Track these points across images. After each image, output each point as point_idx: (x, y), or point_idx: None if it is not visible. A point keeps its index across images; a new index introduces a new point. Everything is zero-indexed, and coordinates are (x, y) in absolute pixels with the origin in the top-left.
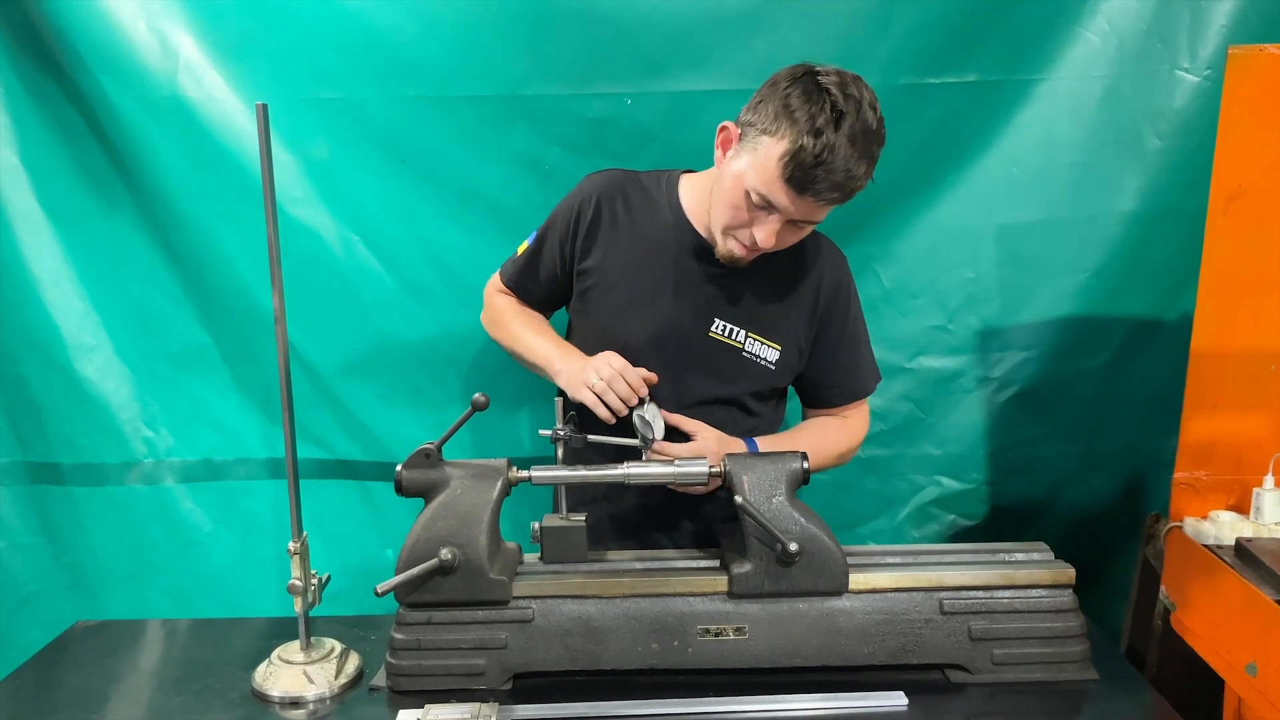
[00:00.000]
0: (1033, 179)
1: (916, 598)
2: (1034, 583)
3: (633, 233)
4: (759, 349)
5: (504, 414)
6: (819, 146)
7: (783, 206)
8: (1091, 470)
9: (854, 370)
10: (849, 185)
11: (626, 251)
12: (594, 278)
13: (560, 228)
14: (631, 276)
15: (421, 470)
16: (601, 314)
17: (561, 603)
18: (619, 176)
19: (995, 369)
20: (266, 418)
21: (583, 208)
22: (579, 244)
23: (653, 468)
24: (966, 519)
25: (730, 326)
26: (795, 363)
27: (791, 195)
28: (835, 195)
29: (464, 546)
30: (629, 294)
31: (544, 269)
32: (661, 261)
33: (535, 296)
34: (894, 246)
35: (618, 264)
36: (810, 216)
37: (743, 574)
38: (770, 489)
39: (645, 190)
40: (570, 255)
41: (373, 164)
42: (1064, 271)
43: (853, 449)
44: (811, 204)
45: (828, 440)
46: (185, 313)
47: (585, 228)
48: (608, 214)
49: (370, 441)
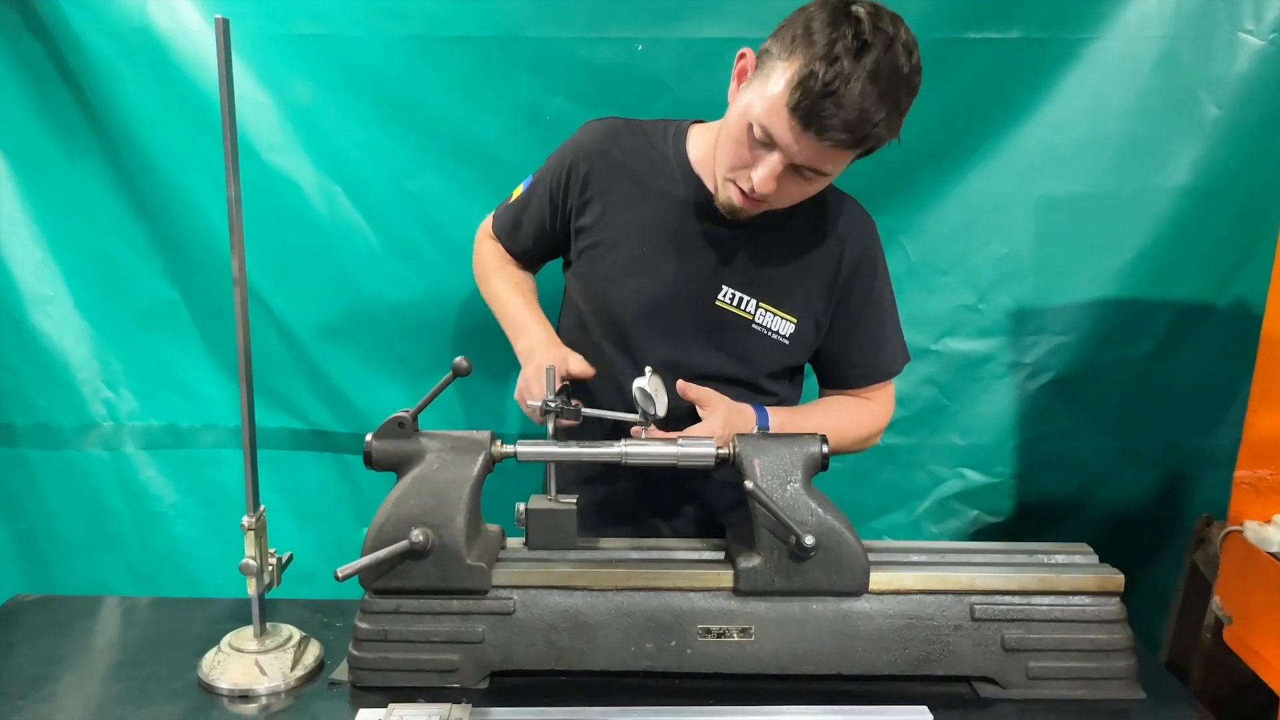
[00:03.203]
0: (1076, 148)
1: (944, 601)
2: (1077, 589)
3: (634, 188)
4: (771, 321)
5: (491, 383)
6: (831, 74)
7: (784, 143)
8: (1128, 467)
9: (877, 349)
10: (862, 129)
11: (626, 209)
12: (591, 237)
13: (551, 180)
14: (631, 237)
15: (394, 441)
16: (597, 278)
17: (546, 594)
18: (620, 125)
19: (1028, 354)
20: (238, 382)
21: (577, 160)
22: (573, 200)
23: (653, 447)
24: (990, 515)
25: (740, 295)
26: (812, 338)
27: (795, 129)
28: (845, 138)
29: (438, 528)
30: (628, 256)
31: (531, 222)
32: (665, 221)
33: (521, 248)
34: (921, 218)
35: (616, 223)
36: (817, 162)
37: (750, 568)
38: (785, 475)
39: (650, 141)
40: (563, 212)
41: (358, 110)
42: (1107, 250)
43: (874, 434)
44: (816, 144)
45: (847, 421)
46: (152, 266)
47: (580, 182)
48: (606, 167)
49: (348, 411)
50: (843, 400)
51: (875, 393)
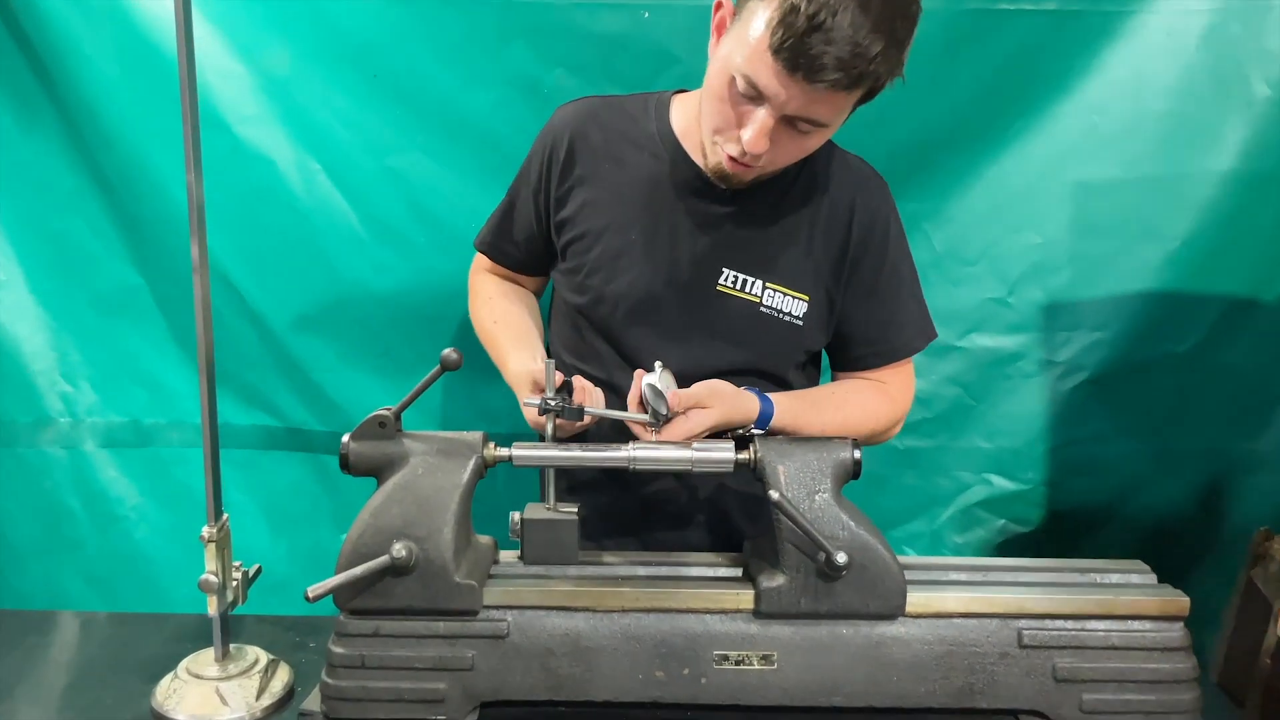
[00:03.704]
0: (1116, 129)
1: (989, 626)
2: (1137, 612)
3: (616, 171)
4: (782, 302)
5: (484, 379)
6: (814, 6)
7: (772, 92)
8: (1168, 473)
9: (893, 324)
10: (857, 65)
11: (610, 195)
12: (575, 229)
13: (532, 176)
14: (618, 225)
15: (374, 442)
16: (583, 274)
17: (544, 615)
18: (595, 105)
19: (1061, 351)
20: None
21: (554, 148)
22: (554, 192)
23: (664, 450)
24: (1018, 525)
25: (743, 277)
26: (826, 315)
27: (782, 75)
28: (838, 76)
29: (423, 541)
30: (615, 246)
31: (520, 228)
32: (653, 202)
33: (517, 260)
34: (947, 204)
35: (600, 211)
36: (811, 110)
37: (774, 588)
38: (812, 483)
39: (630, 118)
40: (546, 207)
41: (340, 81)
42: (1147, 239)
43: (893, 424)
44: (807, 89)
45: (862, 409)
46: (114, 249)
47: (559, 171)
48: (584, 151)
49: (328, 409)
50: (856, 384)
51: (891, 375)
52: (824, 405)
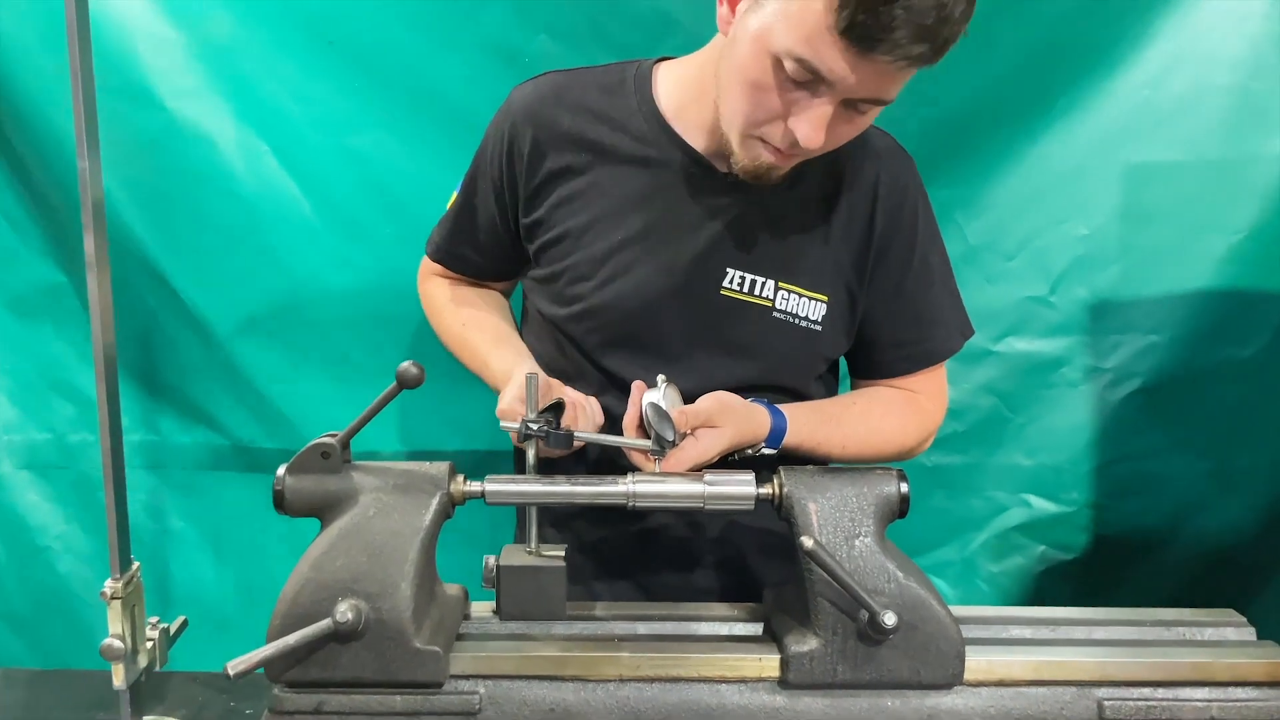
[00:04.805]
0: (1173, 107)
1: (1064, 696)
2: (1239, 677)
3: (594, 160)
4: (797, 304)
5: (455, 388)
6: None
7: (837, 76)
8: (1227, 493)
9: (923, 322)
10: (943, 31)
11: (589, 189)
12: (548, 232)
13: (491, 172)
14: (602, 223)
15: (316, 476)
16: (562, 282)
17: (524, 686)
18: (559, 82)
19: (1109, 357)
20: (143, 385)
21: (514, 140)
22: (521, 192)
23: (671, 484)
24: (1060, 551)
25: (751, 278)
26: (848, 318)
27: (852, 57)
28: (923, 50)
29: (375, 599)
30: (599, 249)
31: (480, 230)
32: (642, 195)
33: (478, 267)
34: (983, 190)
35: (579, 209)
36: (879, 92)
37: (804, 654)
38: (851, 525)
39: (605, 93)
40: (512, 208)
41: (290, 49)
42: (1208, 231)
43: (923, 440)
44: (882, 68)
45: (887, 421)
46: (32, 243)
47: (525, 167)
48: (552, 140)
49: (278, 423)
50: (880, 393)
51: (923, 382)
52: (845, 419)
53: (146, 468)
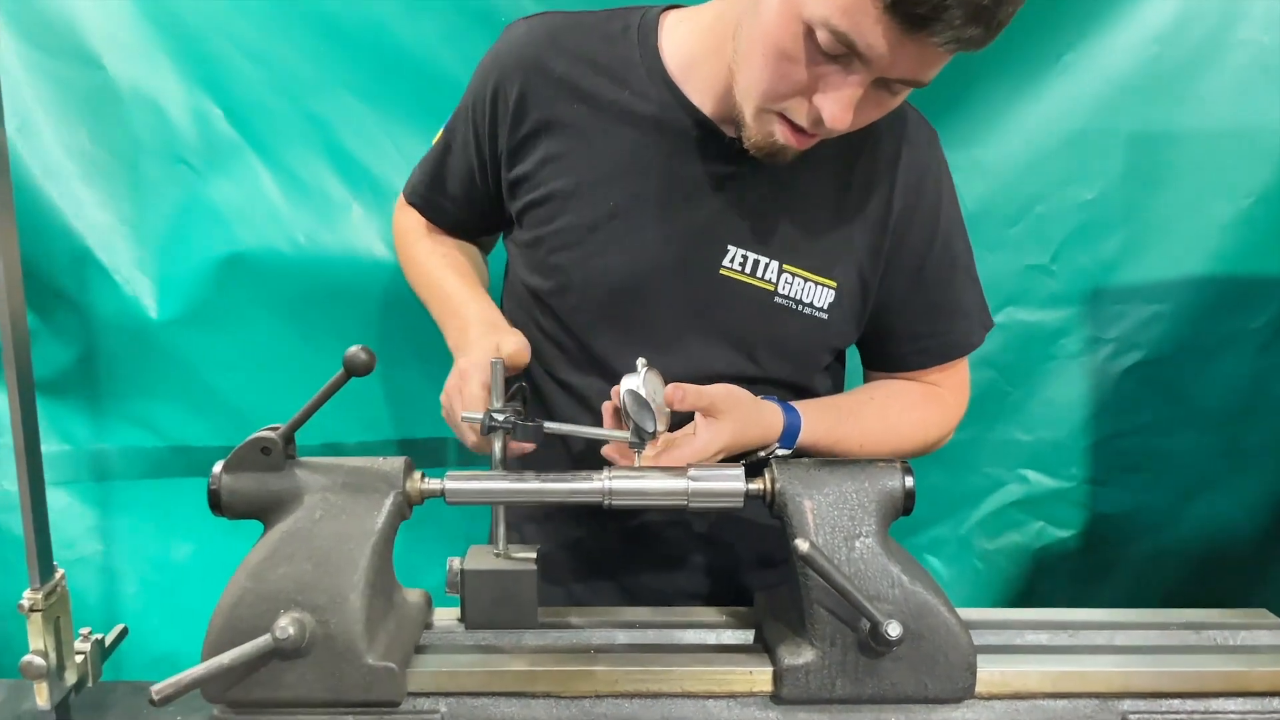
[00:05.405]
0: (1183, 63)
1: (1085, 709)
2: (1277, 688)
3: (590, 114)
4: (802, 290)
5: (419, 381)
6: None
7: (876, 54)
8: (1236, 471)
9: (945, 312)
10: (998, 14)
11: (580, 147)
12: (535, 190)
13: (473, 116)
14: (592, 185)
15: (256, 474)
16: (544, 250)
17: (491, 704)
18: (557, 24)
19: (1112, 327)
20: (52, 388)
21: (502, 82)
22: (503, 140)
23: (651, 480)
24: (1058, 528)
25: (754, 257)
26: (859, 305)
27: (895, 33)
28: (975, 33)
29: (322, 611)
30: (588, 215)
31: (456, 179)
32: (638, 158)
33: (453, 219)
34: (980, 152)
35: (567, 168)
36: (918, 74)
37: (799, 667)
38: (851, 524)
39: (605, 42)
40: (494, 160)
41: (244, 3)
42: (1218, 195)
43: (943, 436)
44: (927, 49)
45: (907, 417)
46: None
47: (510, 115)
48: (543, 88)
49: (226, 418)
50: (899, 386)
51: (943, 376)
52: (862, 415)
53: (63, 483)
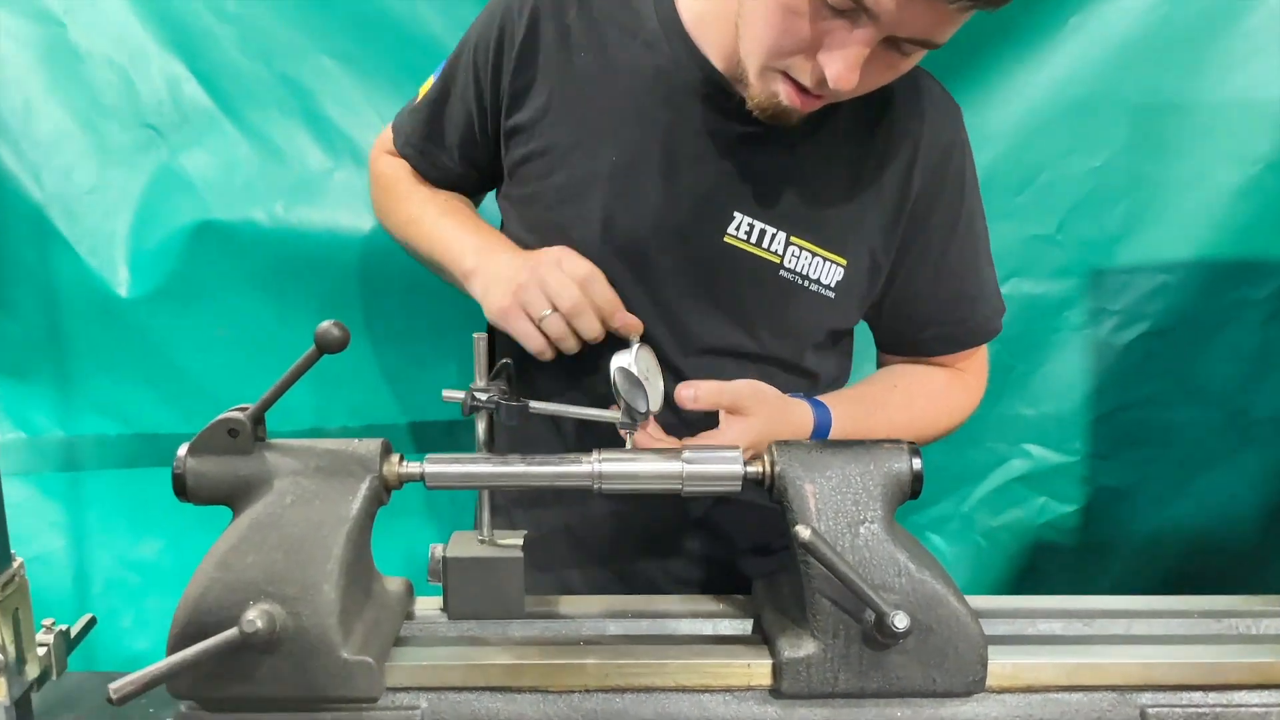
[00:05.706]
0: (1191, 25)
1: (1102, 702)
2: None
3: (596, 65)
4: (809, 264)
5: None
6: None
7: (884, 9)
8: (1243, 445)
9: (968, 296)
10: None
11: (585, 99)
12: (533, 142)
13: (475, 58)
14: (594, 141)
15: (223, 458)
16: (542, 205)
17: (474, 699)
18: None
19: (1117, 299)
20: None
21: (509, 22)
22: (505, 84)
23: (643, 463)
24: (1061, 503)
25: (761, 226)
26: (867, 286)
27: None
28: None
29: (294, 602)
30: (586, 171)
31: (454, 126)
32: (644, 113)
33: (445, 171)
34: (983, 118)
35: (568, 120)
36: (930, 34)
37: (800, 660)
38: (856, 509)
39: None
40: (493, 105)
41: None
42: (1225, 162)
43: (963, 420)
44: (942, 8)
45: (933, 404)
46: None
47: (514, 56)
48: (552, 33)
49: (199, 402)
50: (922, 372)
51: (967, 360)
52: (889, 406)
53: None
